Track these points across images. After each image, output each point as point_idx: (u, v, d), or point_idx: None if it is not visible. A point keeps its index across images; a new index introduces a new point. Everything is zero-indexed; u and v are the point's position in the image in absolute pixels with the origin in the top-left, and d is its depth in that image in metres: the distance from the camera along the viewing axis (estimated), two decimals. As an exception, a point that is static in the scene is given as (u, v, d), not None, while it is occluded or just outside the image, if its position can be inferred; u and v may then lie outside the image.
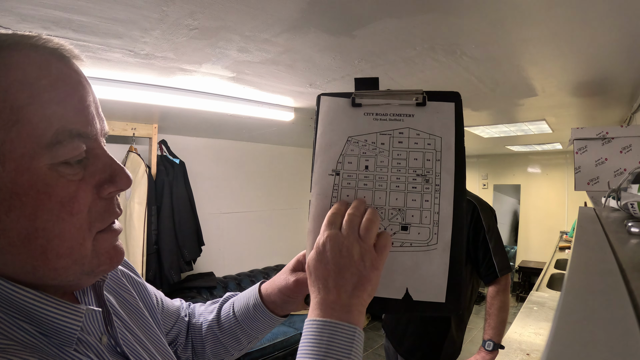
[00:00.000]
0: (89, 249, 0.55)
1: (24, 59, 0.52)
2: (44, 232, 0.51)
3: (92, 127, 0.55)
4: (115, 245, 0.60)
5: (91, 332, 0.60)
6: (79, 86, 0.56)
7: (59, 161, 0.51)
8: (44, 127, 0.50)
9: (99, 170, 0.56)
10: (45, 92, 0.51)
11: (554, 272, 4.53)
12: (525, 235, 8.26)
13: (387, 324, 2.57)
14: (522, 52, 2.01)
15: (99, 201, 0.56)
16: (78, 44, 1.84)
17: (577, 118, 3.95)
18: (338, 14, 1.60)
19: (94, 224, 0.56)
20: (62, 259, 0.53)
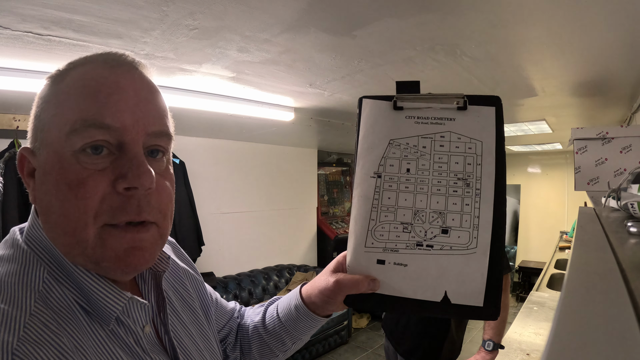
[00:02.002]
0: (92, 235, 0.58)
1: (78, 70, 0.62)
2: (56, 209, 0.58)
3: (115, 120, 0.58)
4: (131, 248, 0.60)
5: (136, 320, 0.66)
6: (113, 84, 0.60)
7: (77, 148, 0.57)
8: (67, 118, 0.57)
9: (121, 165, 0.59)
10: (76, 91, 0.59)
11: (554, 272, 4.53)
12: (525, 235, 8.26)
13: (387, 324, 2.57)
14: (522, 52, 2.01)
15: (115, 195, 0.58)
16: (78, 44, 1.84)
17: (577, 118, 3.95)
18: (338, 14, 1.60)
19: (101, 215, 0.58)
20: (67, 236, 0.58)
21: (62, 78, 0.62)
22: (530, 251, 8.10)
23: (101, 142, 0.58)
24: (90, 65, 0.62)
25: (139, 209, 0.60)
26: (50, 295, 0.57)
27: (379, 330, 5.88)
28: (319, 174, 7.07)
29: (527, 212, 8.24)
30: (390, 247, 0.79)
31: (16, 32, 1.67)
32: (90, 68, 0.62)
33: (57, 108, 0.59)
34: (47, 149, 0.59)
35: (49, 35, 1.73)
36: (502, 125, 0.80)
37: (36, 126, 0.62)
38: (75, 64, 0.63)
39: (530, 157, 8.18)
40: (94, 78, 0.60)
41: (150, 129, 0.63)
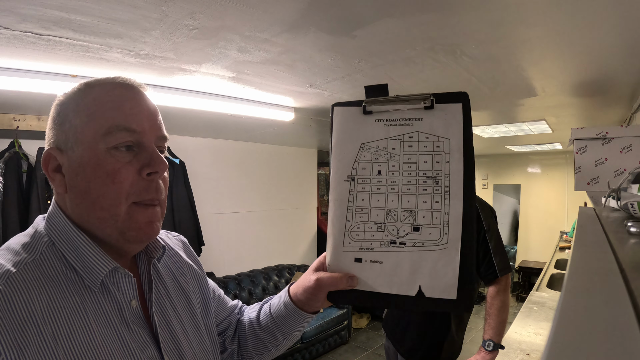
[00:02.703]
0: (123, 210, 0.78)
1: (101, 89, 0.82)
2: (94, 191, 0.77)
3: (139, 125, 0.80)
4: (149, 222, 0.81)
5: (124, 292, 0.81)
6: (133, 101, 0.82)
7: (111, 146, 0.77)
8: (102, 124, 0.77)
9: (142, 158, 0.80)
10: (107, 104, 0.79)
11: (554, 272, 4.53)
12: (525, 235, 8.26)
13: (388, 324, 2.57)
14: (522, 52, 2.01)
15: (141, 180, 0.79)
16: (78, 44, 1.84)
17: (577, 118, 3.95)
18: (338, 14, 1.60)
19: (130, 195, 0.78)
20: (104, 210, 0.77)
21: (86, 94, 0.81)
22: (530, 251, 8.10)
23: (128, 142, 0.79)
24: (108, 85, 0.82)
25: (158, 190, 0.82)
26: (44, 262, 0.75)
27: (379, 330, 5.89)
28: (319, 174, 7.07)
29: (527, 212, 8.24)
30: (366, 246, 0.85)
31: (16, 32, 1.67)
32: (110, 88, 0.82)
33: (89, 116, 0.78)
34: (83, 146, 0.77)
35: (49, 35, 1.73)
36: (469, 121, 0.84)
37: (66, 131, 0.79)
38: (92, 84, 0.83)
39: (530, 157, 8.18)
40: (117, 95, 0.81)
41: (158, 134, 0.85)
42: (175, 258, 1.07)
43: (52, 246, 0.77)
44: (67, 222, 0.79)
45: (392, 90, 0.85)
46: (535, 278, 5.59)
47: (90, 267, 0.77)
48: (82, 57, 2.01)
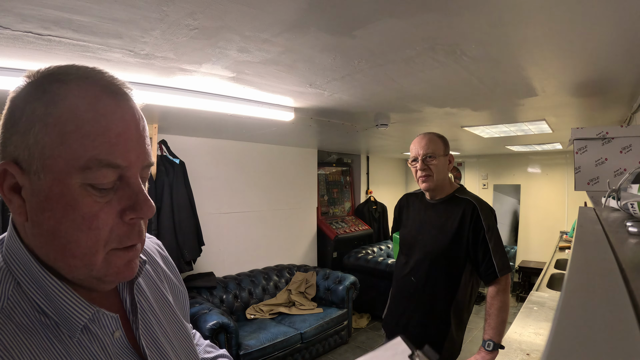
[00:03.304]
0: (100, 259, 0.66)
1: (78, 92, 0.65)
2: (65, 235, 0.64)
3: (125, 159, 0.66)
4: (128, 262, 0.70)
5: (105, 327, 0.72)
6: (120, 122, 0.66)
7: (87, 183, 0.63)
8: (80, 154, 0.62)
9: (125, 197, 0.67)
10: (87, 125, 0.63)
11: (554, 272, 4.53)
12: (525, 235, 8.26)
13: (387, 324, 2.57)
14: (522, 52, 2.01)
15: (122, 224, 0.67)
16: (78, 44, 1.84)
17: (577, 118, 3.95)
18: (338, 14, 1.60)
19: (110, 243, 0.66)
20: (76, 259, 0.65)
21: (57, 97, 0.64)
22: (530, 251, 8.11)
23: (111, 181, 0.65)
24: (92, 88, 0.66)
25: (140, 233, 0.70)
26: (15, 310, 0.63)
27: (379, 330, 5.89)
28: (319, 174, 7.08)
29: (527, 212, 8.25)
30: None
31: (16, 32, 1.67)
32: (91, 95, 0.65)
33: (63, 137, 0.62)
34: (51, 175, 0.62)
35: (49, 36, 1.73)
36: None
37: (29, 145, 0.63)
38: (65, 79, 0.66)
39: (530, 157, 8.19)
40: (102, 113, 0.65)
41: (145, 163, 0.70)
42: (156, 265, 0.97)
43: (18, 287, 0.65)
44: (31, 259, 0.66)
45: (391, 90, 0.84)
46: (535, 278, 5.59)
47: (66, 315, 0.66)
48: (82, 57, 2.01)
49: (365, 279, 6.13)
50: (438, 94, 2.93)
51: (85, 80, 0.67)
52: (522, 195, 8.33)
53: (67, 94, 0.64)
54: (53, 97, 0.63)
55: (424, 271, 2.35)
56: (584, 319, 0.29)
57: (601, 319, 0.29)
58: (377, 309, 6.10)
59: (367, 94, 2.92)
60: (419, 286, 2.36)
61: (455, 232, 2.27)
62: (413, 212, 2.59)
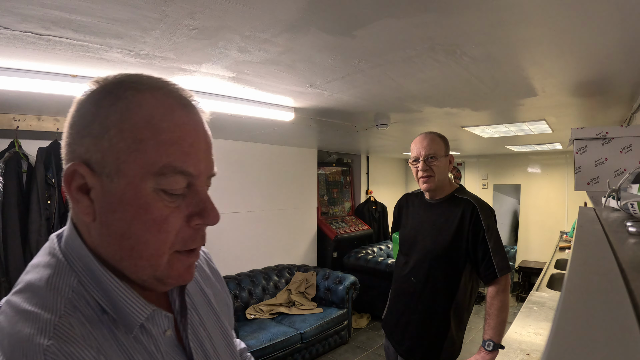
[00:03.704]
0: (165, 261, 0.70)
1: (153, 101, 0.68)
2: (135, 236, 0.67)
3: (196, 168, 0.70)
4: (188, 266, 0.74)
5: (158, 325, 0.75)
6: (193, 133, 0.70)
7: (159, 188, 0.67)
8: (155, 160, 0.66)
9: (193, 204, 0.71)
10: (163, 134, 0.67)
11: (554, 272, 4.52)
12: (525, 235, 8.26)
13: (387, 324, 2.57)
14: (522, 52, 2.01)
15: (187, 229, 0.71)
16: (78, 44, 1.84)
17: (577, 118, 3.95)
18: (338, 14, 1.60)
19: (175, 245, 0.70)
20: (143, 260, 0.68)
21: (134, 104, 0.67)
22: (530, 251, 8.11)
23: (182, 188, 0.69)
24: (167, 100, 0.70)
25: (203, 238, 0.74)
26: (79, 302, 0.66)
27: (379, 330, 5.89)
28: (319, 174, 7.08)
29: (527, 212, 8.25)
30: None
31: (16, 32, 1.67)
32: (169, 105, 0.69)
33: (139, 144, 0.65)
34: (126, 179, 0.66)
35: (49, 35, 1.73)
36: None
37: (104, 149, 0.66)
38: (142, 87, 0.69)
39: (530, 157, 8.19)
40: (177, 123, 0.69)
41: (210, 173, 0.74)
42: (202, 272, 1.01)
43: (79, 284, 0.68)
44: (92, 257, 0.69)
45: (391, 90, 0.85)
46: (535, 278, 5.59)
47: (126, 312, 0.69)
48: (82, 57, 2.01)
49: (365, 279, 6.13)
50: (438, 94, 2.93)
51: (158, 91, 0.70)
52: (522, 195, 8.33)
53: (142, 102, 0.67)
54: (128, 105, 0.66)
55: (423, 271, 2.35)
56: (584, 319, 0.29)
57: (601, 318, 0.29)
58: (377, 309, 6.10)
59: (367, 94, 2.92)
60: (419, 286, 2.36)
61: (455, 232, 2.27)
62: (412, 212, 2.59)
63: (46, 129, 3.35)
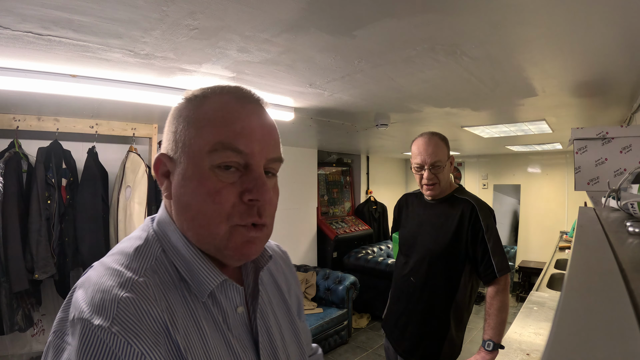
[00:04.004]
0: (223, 230, 0.79)
1: (215, 99, 0.83)
2: (194, 207, 0.79)
3: (246, 147, 0.79)
4: (247, 241, 0.81)
5: (231, 300, 0.85)
6: (245, 118, 0.81)
7: (215, 164, 0.78)
8: (209, 140, 0.78)
9: (247, 181, 0.80)
10: (217, 120, 0.80)
11: (554, 272, 4.53)
12: (525, 235, 8.27)
13: (387, 324, 2.57)
14: (522, 52, 2.01)
15: (242, 204, 0.79)
16: (78, 44, 1.84)
17: (577, 118, 3.95)
18: (338, 14, 1.60)
19: (232, 218, 0.79)
20: (202, 228, 0.79)
21: (200, 103, 0.83)
22: (530, 251, 8.11)
23: (234, 162, 0.79)
24: (225, 96, 0.83)
25: (259, 214, 0.81)
26: (159, 268, 0.79)
27: (379, 330, 5.89)
28: (319, 174, 7.08)
29: (527, 212, 8.25)
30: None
31: (16, 32, 1.67)
32: (226, 100, 0.83)
33: (198, 130, 0.80)
34: (189, 160, 0.80)
35: (49, 35, 1.73)
36: None
37: (177, 139, 0.83)
38: (210, 92, 0.85)
39: (530, 157, 8.19)
40: (230, 111, 0.81)
41: (270, 156, 0.83)
42: (279, 267, 1.12)
43: (163, 253, 0.82)
44: (176, 230, 0.83)
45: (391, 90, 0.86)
46: (535, 278, 5.59)
47: (199, 280, 0.80)
48: (82, 57, 2.01)
49: (365, 279, 6.13)
50: (438, 94, 2.93)
51: (221, 92, 0.84)
52: (522, 195, 8.33)
53: (206, 101, 0.83)
54: (196, 104, 0.83)
55: (423, 271, 2.35)
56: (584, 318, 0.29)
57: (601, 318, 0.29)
58: (377, 309, 6.10)
59: (367, 94, 2.92)
60: (419, 286, 2.36)
61: (454, 232, 2.27)
62: (412, 212, 2.59)
63: (46, 129, 3.35)
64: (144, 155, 3.90)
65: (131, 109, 3.20)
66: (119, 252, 0.81)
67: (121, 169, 3.73)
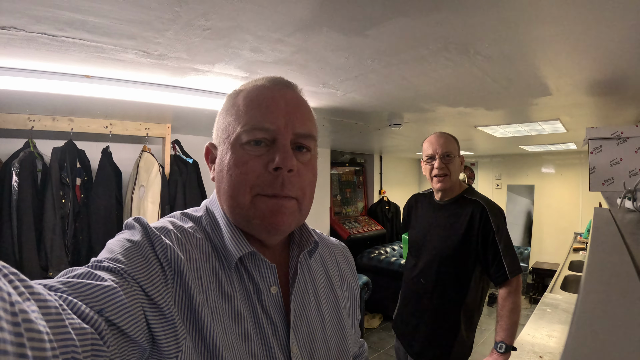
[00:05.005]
0: (248, 200, 0.86)
1: (249, 89, 0.94)
2: (226, 181, 0.88)
3: (272, 124, 0.86)
4: (271, 210, 0.86)
5: (264, 278, 0.90)
6: (270, 100, 0.89)
7: (244, 142, 0.86)
8: (243, 124, 0.87)
9: (272, 152, 0.86)
10: (247, 105, 0.89)
11: (568, 274, 4.49)
12: (538, 236, 8.20)
13: (398, 325, 2.57)
14: (536, 50, 1.99)
15: (267, 174, 0.85)
16: (92, 45, 1.85)
17: (591, 117, 3.91)
18: (350, 14, 1.60)
19: (255, 187, 0.85)
20: (231, 199, 0.87)
21: (236, 94, 0.95)
22: (544, 252, 8.04)
23: (261, 138, 0.86)
24: (258, 87, 0.92)
25: (282, 185, 0.85)
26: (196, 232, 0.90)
27: (390, 331, 5.86)
28: (332, 174, 7.07)
29: (540, 213, 8.19)
30: None
31: (30, 33, 1.69)
32: (257, 89, 0.91)
33: (232, 117, 0.90)
34: (225, 143, 0.90)
35: (63, 37, 1.74)
36: None
37: (218, 128, 0.95)
38: (246, 85, 0.96)
39: (544, 157, 8.13)
40: (257, 94, 0.90)
41: (297, 130, 0.89)
42: (333, 258, 1.16)
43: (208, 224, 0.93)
44: (219, 208, 0.94)
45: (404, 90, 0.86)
46: (548, 280, 5.55)
47: (229, 249, 0.87)
48: (96, 57, 2.02)
49: (377, 279, 6.11)
50: (451, 94, 2.91)
51: (254, 82, 0.95)
52: (536, 196, 8.27)
53: (240, 93, 0.94)
54: (233, 96, 0.95)
55: (433, 273, 2.35)
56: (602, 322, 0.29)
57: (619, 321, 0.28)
58: (389, 309, 6.09)
59: (380, 94, 2.91)
60: (428, 288, 2.35)
61: (464, 233, 2.26)
62: (422, 213, 2.58)
63: (61, 129, 3.38)
64: (158, 155, 3.92)
65: (145, 109, 3.21)
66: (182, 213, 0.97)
67: (135, 168, 3.74)
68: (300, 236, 1.03)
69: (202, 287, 0.81)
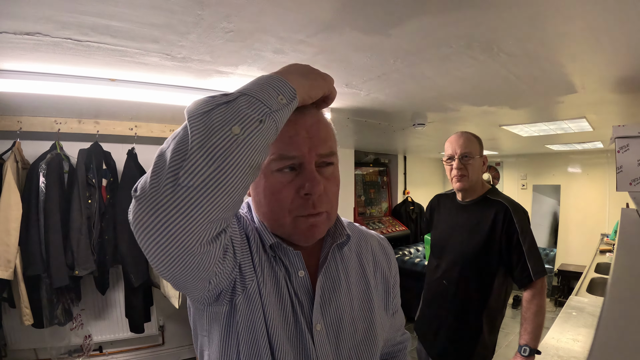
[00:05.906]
0: (288, 222, 0.98)
1: None
2: (264, 204, 1.00)
3: (297, 151, 0.94)
4: (310, 226, 0.98)
5: (292, 263, 1.03)
6: (292, 129, 0.94)
7: (274, 170, 0.95)
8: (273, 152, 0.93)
9: (302, 178, 0.95)
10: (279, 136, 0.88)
11: (594, 276, 4.40)
12: (564, 237, 8.07)
13: (419, 327, 2.56)
14: (560, 47, 1.96)
15: (299, 198, 0.95)
16: (116, 49, 1.88)
17: (618, 115, 3.84)
18: (373, 13, 1.59)
19: (292, 211, 0.96)
20: (272, 220, 1.01)
21: None
22: (570, 254, 7.91)
23: (289, 165, 0.95)
24: None
25: (314, 206, 0.96)
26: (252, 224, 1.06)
27: (411, 333, 5.83)
28: (355, 174, 7.06)
29: (567, 214, 8.06)
30: None
31: (56, 38, 1.72)
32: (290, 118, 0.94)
33: None
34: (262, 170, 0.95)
35: (87, 41, 1.77)
36: None
37: None
38: None
39: (570, 157, 8.00)
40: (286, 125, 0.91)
41: (320, 152, 0.97)
42: (369, 248, 1.25)
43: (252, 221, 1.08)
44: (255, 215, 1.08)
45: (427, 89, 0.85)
46: (574, 282, 5.45)
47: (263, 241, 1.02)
48: (121, 61, 2.05)
49: (401, 280, 5.94)
50: (475, 93, 2.89)
51: None
52: (562, 196, 8.14)
53: None
54: None
55: (455, 274, 2.33)
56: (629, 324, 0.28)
57: (647, 326, 0.28)
58: (412, 311, 5.99)
59: (403, 93, 2.90)
60: (451, 290, 2.34)
61: (487, 235, 2.24)
62: (444, 214, 2.57)
63: (87, 131, 3.44)
64: (181, 156, 3.96)
65: (169, 111, 3.25)
66: None
67: (159, 170, 3.79)
68: (335, 230, 1.13)
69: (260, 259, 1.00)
